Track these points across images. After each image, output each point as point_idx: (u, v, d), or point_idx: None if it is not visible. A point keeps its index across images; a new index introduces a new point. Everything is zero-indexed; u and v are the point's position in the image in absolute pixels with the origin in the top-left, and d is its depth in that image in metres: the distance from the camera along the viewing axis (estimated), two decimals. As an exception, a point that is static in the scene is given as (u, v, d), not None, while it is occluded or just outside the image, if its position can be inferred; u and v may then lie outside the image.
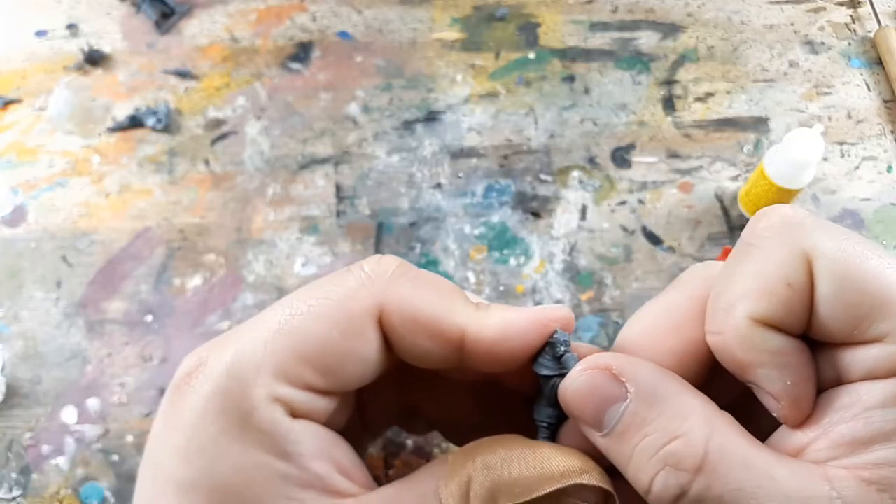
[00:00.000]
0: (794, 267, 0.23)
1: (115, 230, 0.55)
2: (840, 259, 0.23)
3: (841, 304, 0.23)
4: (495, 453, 0.24)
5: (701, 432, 0.22)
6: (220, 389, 0.23)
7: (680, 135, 0.60)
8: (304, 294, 0.25)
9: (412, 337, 0.25)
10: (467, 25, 0.64)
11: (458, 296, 0.26)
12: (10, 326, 0.51)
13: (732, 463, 0.22)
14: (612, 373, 0.24)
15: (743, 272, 0.24)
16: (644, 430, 0.23)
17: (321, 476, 0.24)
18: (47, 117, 0.59)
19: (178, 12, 0.63)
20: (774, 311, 0.23)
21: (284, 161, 0.58)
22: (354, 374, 0.25)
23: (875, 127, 0.61)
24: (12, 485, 0.47)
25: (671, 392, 0.23)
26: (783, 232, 0.24)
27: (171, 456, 0.24)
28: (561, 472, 0.23)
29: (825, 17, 0.66)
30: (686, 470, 0.22)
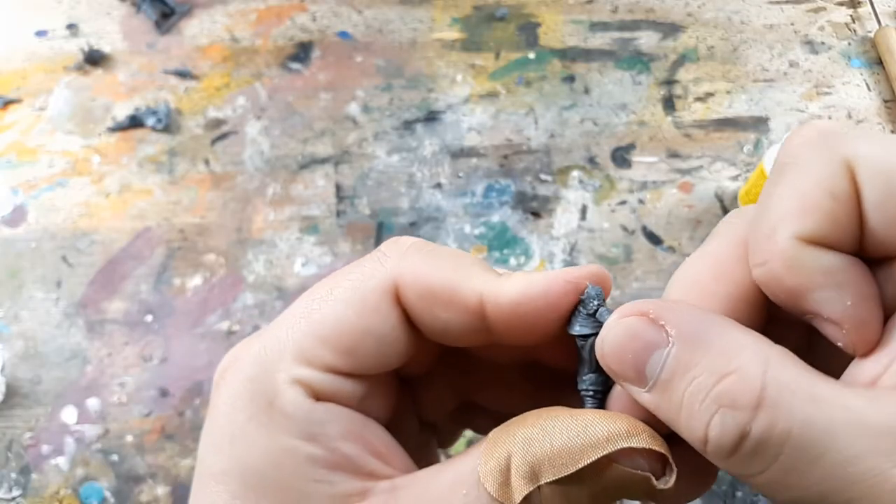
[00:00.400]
0: (836, 176, 0.21)
1: (115, 230, 0.55)
2: (885, 161, 0.21)
3: (892, 208, 0.21)
4: (536, 426, 0.22)
5: (755, 366, 0.20)
6: (248, 378, 0.24)
7: (680, 135, 0.60)
8: (326, 281, 0.26)
9: (430, 308, 0.24)
10: (467, 25, 0.64)
11: (478, 265, 0.25)
12: (10, 326, 0.51)
13: (796, 394, 0.19)
14: (650, 317, 0.22)
15: (782, 192, 0.22)
16: (691, 373, 0.21)
17: (350, 457, 0.23)
18: (47, 117, 0.59)
19: (178, 12, 0.63)
20: (821, 227, 0.21)
21: (284, 161, 0.58)
22: (375, 354, 0.25)
23: (875, 127, 0.61)
24: (12, 485, 0.47)
25: (717, 330, 0.21)
26: (820, 143, 0.22)
27: (208, 449, 0.24)
28: (606, 436, 0.22)
29: (825, 17, 0.66)
30: (743, 408, 0.20)
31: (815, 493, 0.19)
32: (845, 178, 0.22)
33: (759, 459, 0.20)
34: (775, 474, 0.20)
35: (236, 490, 0.23)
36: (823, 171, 0.22)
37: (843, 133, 0.22)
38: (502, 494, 0.22)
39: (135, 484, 0.47)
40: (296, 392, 0.23)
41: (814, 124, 0.23)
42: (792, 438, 0.19)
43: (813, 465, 0.19)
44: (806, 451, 0.19)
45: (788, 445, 0.19)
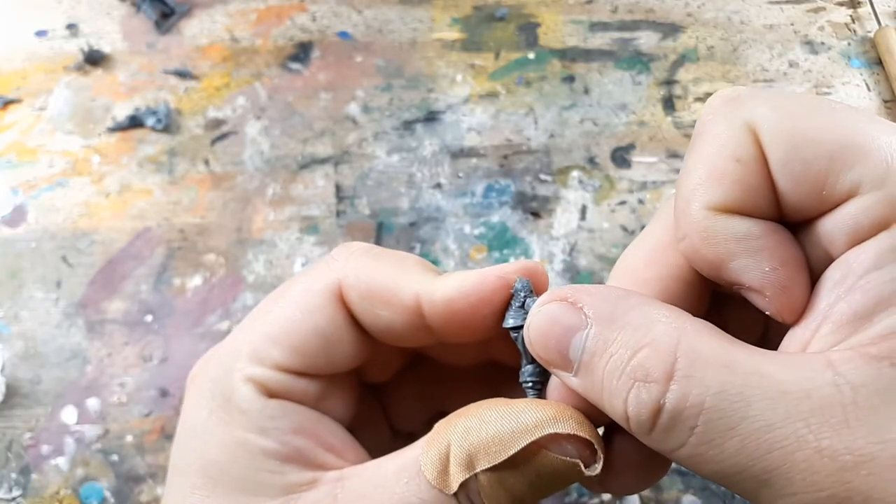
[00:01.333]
0: (740, 141, 0.21)
1: (115, 230, 0.55)
2: (785, 118, 0.20)
3: (798, 165, 0.20)
4: (475, 416, 0.23)
5: (668, 338, 0.19)
6: (210, 378, 0.25)
7: (680, 135, 0.60)
8: (283, 285, 0.27)
9: (370, 307, 0.25)
10: (467, 25, 0.64)
11: (417, 266, 0.26)
12: (10, 326, 0.51)
13: (709, 364, 0.19)
14: (569, 302, 0.22)
15: (691, 164, 0.22)
16: (608, 350, 0.20)
17: (301, 450, 0.24)
18: (47, 117, 0.59)
19: (178, 12, 0.63)
20: (731, 194, 0.21)
21: (284, 161, 0.58)
22: (323, 353, 0.25)
23: (875, 127, 0.61)
24: (12, 485, 0.47)
25: (632, 307, 0.21)
26: (722, 110, 0.22)
27: (176, 444, 0.26)
28: (533, 423, 0.22)
29: (825, 17, 0.66)
30: (657, 380, 0.19)
31: (732, 464, 0.18)
32: (749, 142, 0.21)
33: (676, 433, 0.19)
34: (694, 447, 0.19)
35: (197, 481, 0.24)
36: (727, 138, 0.21)
37: (745, 97, 0.22)
38: (440, 482, 0.22)
39: (135, 484, 0.47)
40: (249, 389, 0.24)
41: (720, 92, 0.23)
42: (706, 409, 0.19)
43: (728, 436, 0.18)
44: (721, 421, 0.18)
45: (703, 416, 0.19)
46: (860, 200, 0.19)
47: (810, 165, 0.20)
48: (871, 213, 0.19)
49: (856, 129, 0.20)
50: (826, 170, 0.20)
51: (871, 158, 0.19)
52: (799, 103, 0.21)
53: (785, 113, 0.21)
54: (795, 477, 0.18)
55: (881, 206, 0.19)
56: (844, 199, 0.20)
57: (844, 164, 0.19)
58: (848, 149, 0.19)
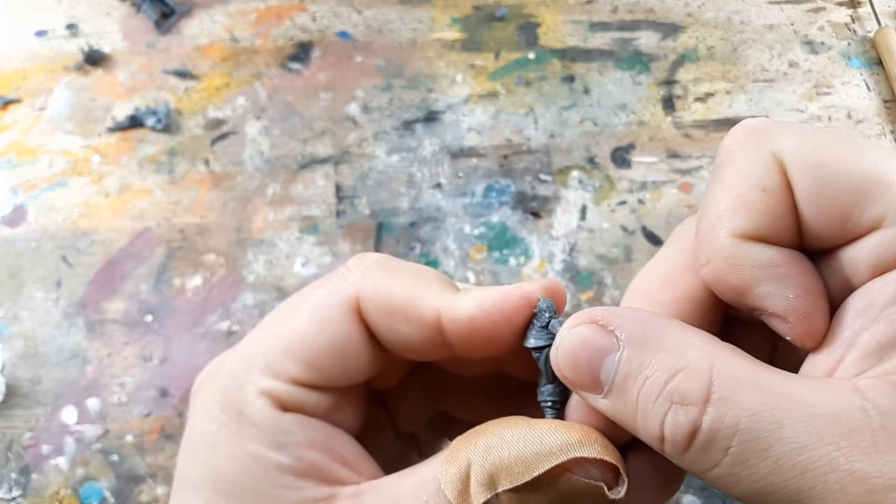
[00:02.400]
0: (766, 171, 0.21)
1: (115, 230, 0.55)
2: (811, 151, 0.21)
3: (824, 196, 0.21)
4: (495, 435, 0.23)
5: (703, 361, 0.20)
6: (219, 390, 0.25)
7: (680, 135, 0.60)
8: (295, 296, 0.27)
9: (390, 322, 0.25)
10: (467, 25, 0.64)
11: (437, 281, 0.26)
12: (10, 326, 0.51)
13: (743, 387, 0.20)
14: (599, 324, 0.22)
15: (717, 192, 0.22)
16: (643, 373, 0.21)
17: (316, 464, 0.24)
18: (47, 117, 0.59)
19: (178, 12, 0.63)
20: (757, 222, 0.21)
21: (284, 161, 0.58)
22: (338, 367, 0.25)
23: (875, 127, 0.61)
24: (12, 485, 0.47)
25: (664, 330, 0.21)
26: (748, 140, 0.22)
27: (184, 456, 0.25)
28: (560, 446, 0.22)
29: (825, 17, 0.66)
30: (694, 403, 0.20)
31: (766, 484, 0.19)
32: (776, 172, 0.22)
33: (711, 453, 0.20)
34: (728, 468, 0.20)
35: (208, 496, 0.24)
36: (754, 167, 0.22)
37: (771, 128, 0.22)
38: (461, 501, 0.22)
39: (135, 484, 0.47)
40: (263, 403, 0.24)
41: (744, 122, 0.23)
42: (741, 431, 0.19)
43: (762, 457, 0.19)
44: (755, 442, 0.19)
45: (738, 437, 0.19)
46: (883, 233, 0.20)
47: (836, 198, 0.21)
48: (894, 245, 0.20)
49: (880, 165, 0.21)
50: (851, 202, 0.21)
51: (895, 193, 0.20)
52: (824, 137, 0.21)
53: (811, 146, 0.21)
54: (828, 498, 0.18)
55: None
56: (867, 231, 0.21)
57: (869, 197, 0.20)
58: (872, 183, 0.20)
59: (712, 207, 0.23)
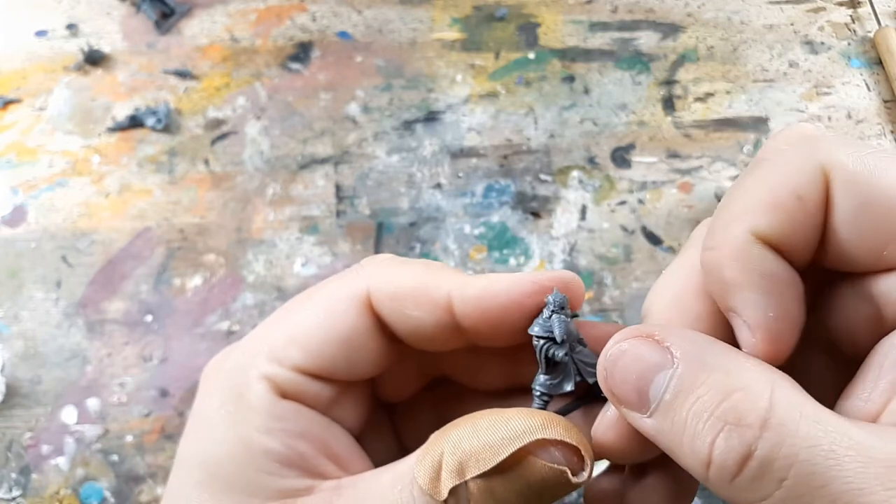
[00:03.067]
0: (808, 178, 0.21)
1: (115, 230, 0.55)
2: (862, 171, 0.20)
3: (866, 220, 0.20)
4: (468, 425, 0.23)
5: (763, 384, 0.19)
6: (225, 373, 0.25)
7: (680, 135, 0.60)
8: (309, 290, 0.27)
9: (401, 307, 0.25)
10: (467, 25, 0.64)
11: (447, 268, 0.26)
12: (10, 326, 0.51)
13: (804, 417, 0.18)
14: (655, 339, 0.21)
15: (750, 185, 0.22)
16: (696, 392, 0.20)
17: (304, 455, 0.24)
18: (47, 117, 0.59)
19: (178, 12, 0.63)
20: (779, 227, 0.21)
21: (284, 161, 0.58)
22: (342, 357, 0.25)
23: (875, 127, 0.61)
24: (12, 485, 0.47)
25: (721, 352, 0.21)
26: (799, 144, 0.21)
27: (184, 437, 0.26)
28: (523, 430, 0.22)
29: (825, 17, 0.66)
30: (750, 425, 0.19)
31: None
32: (817, 183, 0.21)
33: (763, 483, 0.18)
34: (781, 501, 0.18)
35: (196, 474, 0.24)
36: (796, 171, 0.21)
37: (825, 138, 0.21)
38: (432, 489, 0.22)
39: (135, 484, 0.47)
40: (262, 387, 0.24)
41: (799, 126, 0.23)
42: (798, 462, 0.18)
43: (819, 494, 0.18)
44: (812, 477, 0.18)
45: (795, 469, 0.18)
46: None
47: (878, 223, 0.20)
48: None
49: None
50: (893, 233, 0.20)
51: None
52: (879, 159, 0.20)
53: (863, 165, 0.20)
54: None
55: None
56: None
57: None
58: None
59: (740, 198, 0.22)
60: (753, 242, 0.21)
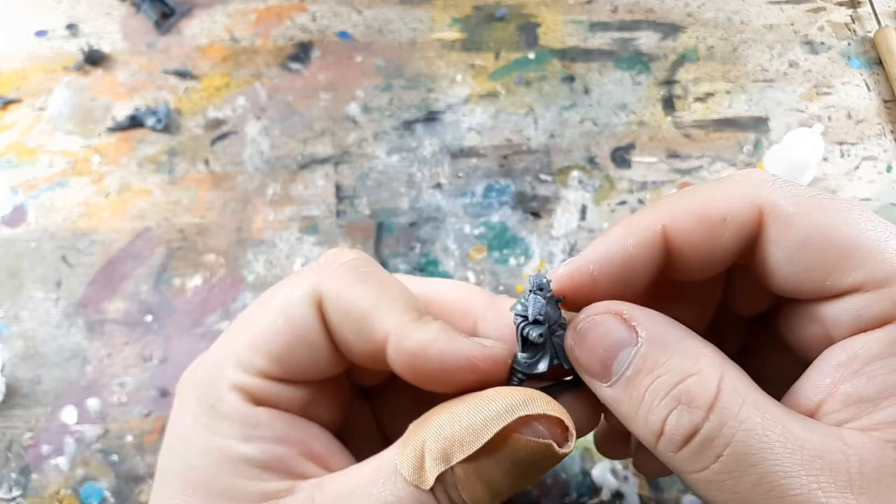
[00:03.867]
0: (740, 208, 0.23)
1: (115, 230, 0.55)
2: (799, 213, 0.23)
3: (805, 257, 0.22)
4: (447, 411, 0.23)
5: (714, 371, 0.22)
6: (195, 385, 0.26)
7: (680, 135, 0.60)
8: (268, 291, 0.27)
9: (342, 329, 0.25)
10: (467, 25, 0.64)
11: (402, 300, 0.25)
12: (10, 326, 0.51)
13: (745, 404, 0.21)
14: (623, 317, 0.23)
15: (692, 191, 0.24)
16: (656, 371, 0.22)
17: (282, 458, 0.24)
18: (47, 117, 0.59)
19: (178, 12, 0.63)
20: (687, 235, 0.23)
21: (284, 161, 0.58)
22: (305, 360, 0.26)
23: (875, 127, 0.61)
24: (12, 485, 0.47)
25: (681, 336, 0.23)
26: (745, 180, 0.24)
27: (162, 451, 0.26)
28: (504, 409, 0.22)
29: (825, 17, 0.66)
30: (699, 407, 0.21)
31: (745, 498, 0.20)
32: (747, 214, 0.23)
33: (702, 457, 0.21)
34: (714, 474, 0.21)
35: (178, 486, 0.24)
36: (731, 198, 0.24)
37: (767, 178, 0.24)
38: (416, 478, 0.22)
39: (135, 484, 0.47)
40: (234, 397, 0.25)
41: (747, 170, 0.25)
42: (734, 442, 0.20)
43: (748, 472, 0.20)
44: (745, 456, 0.20)
45: (731, 448, 0.21)
46: (864, 297, 0.22)
47: (818, 258, 0.22)
48: (874, 309, 0.22)
49: (865, 231, 0.22)
50: (832, 265, 0.22)
51: (877, 261, 0.22)
52: (815, 199, 0.23)
53: (801, 207, 0.23)
54: None
55: (884, 304, 0.22)
56: (847, 292, 0.22)
57: (851, 263, 0.22)
58: (857, 249, 0.22)
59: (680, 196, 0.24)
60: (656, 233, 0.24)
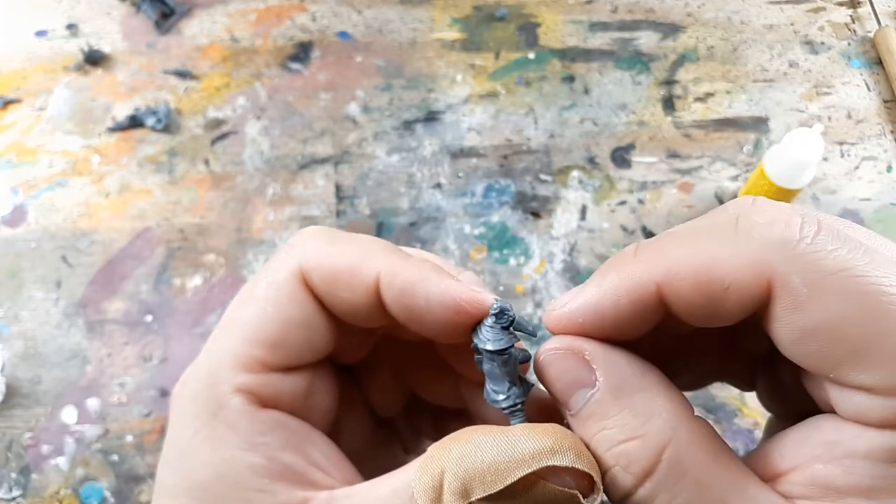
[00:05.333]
0: (747, 279, 0.21)
1: (115, 230, 0.55)
2: (813, 296, 0.20)
3: (814, 344, 0.21)
4: (470, 442, 0.23)
5: (659, 437, 0.21)
6: (191, 395, 0.25)
7: (680, 135, 0.60)
8: (246, 285, 0.27)
9: (332, 290, 0.25)
10: (467, 25, 0.64)
11: (381, 246, 0.25)
12: (10, 326, 0.51)
13: (684, 478, 0.21)
14: (585, 357, 0.23)
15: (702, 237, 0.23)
16: (604, 422, 0.22)
17: (291, 467, 0.24)
18: (47, 117, 0.59)
19: (178, 12, 0.63)
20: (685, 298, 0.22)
21: (284, 161, 0.58)
22: (303, 342, 0.25)
23: (875, 127, 0.61)
24: (12, 485, 0.47)
25: (641, 387, 0.22)
26: (752, 235, 0.22)
27: (162, 464, 0.25)
28: (532, 454, 0.22)
29: (825, 17, 0.66)
30: (634, 474, 0.21)
31: None
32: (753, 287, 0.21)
33: None
34: None
35: (183, 502, 0.24)
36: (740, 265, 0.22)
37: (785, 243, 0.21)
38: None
39: (135, 484, 0.47)
40: (239, 401, 0.24)
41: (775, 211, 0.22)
42: None
43: None
44: None
45: None
46: (870, 398, 0.21)
47: (823, 352, 0.21)
48: (878, 412, 0.20)
49: (885, 328, 0.20)
50: (839, 361, 0.21)
51: (889, 366, 0.20)
52: (829, 282, 0.20)
53: (811, 288, 0.20)
54: None
55: (888, 411, 0.20)
56: (854, 387, 0.21)
57: (862, 364, 0.20)
58: (872, 350, 0.20)
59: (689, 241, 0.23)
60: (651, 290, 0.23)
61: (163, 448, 0.26)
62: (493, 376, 0.25)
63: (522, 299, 0.53)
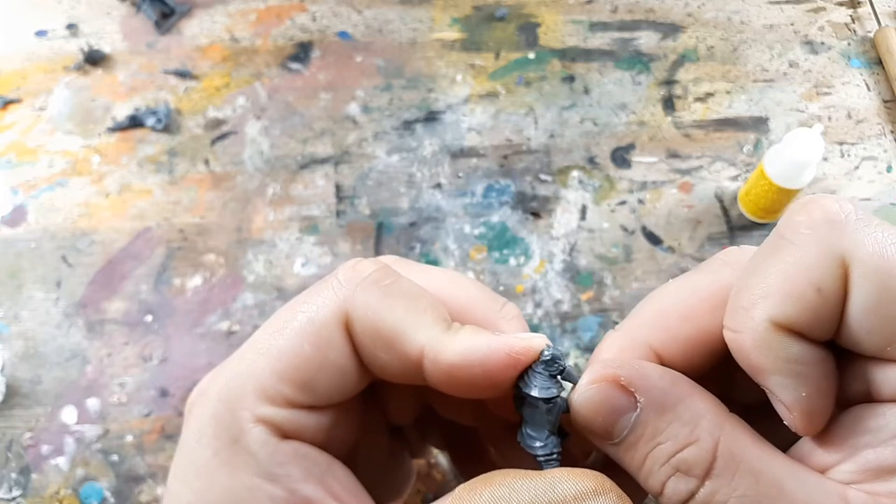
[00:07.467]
0: (828, 271, 0.21)
1: (115, 230, 0.55)
2: (881, 268, 0.21)
3: (876, 316, 0.21)
4: (503, 485, 0.22)
5: (711, 437, 0.22)
6: (213, 414, 0.24)
7: (680, 135, 0.60)
8: (283, 312, 0.26)
9: (373, 348, 0.24)
10: (467, 25, 0.64)
11: (430, 311, 0.25)
12: (10, 326, 0.51)
13: (740, 470, 0.21)
14: (621, 384, 0.23)
15: (769, 269, 0.22)
16: (656, 439, 0.22)
17: (311, 500, 0.23)
18: (47, 117, 0.59)
19: (178, 12, 0.63)
20: (798, 317, 0.22)
21: (284, 161, 0.58)
22: (334, 386, 0.25)
23: (875, 127, 0.61)
24: (12, 485, 0.47)
25: (680, 397, 0.23)
26: (821, 229, 0.22)
27: (175, 479, 0.25)
28: (574, 495, 0.22)
29: (825, 17, 0.66)
30: (696, 476, 0.22)
31: None
32: (837, 275, 0.22)
33: None
34: None
35: None
36: (816, 262, 0.22)
37: (848, 222, 0.22)
38: None
39: (135, 484, 0.47)
40: (260, 431, 0.24)
41: (821, 204, 0.23)
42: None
43: None
44: None
45: None
46: None
47: (888, 324, 0.21)
48: None
49: None
50: None
51: None
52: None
53: (884, 262, 0.21)
54: None
55: None
56: None
57: None
58: None
59: (759, 283, 0.23)
60: (773, 331, 0.22)
61: (175, 457, 0.25)
62: (533, 421, 0.24)
63: (522, 299, 0.53)
